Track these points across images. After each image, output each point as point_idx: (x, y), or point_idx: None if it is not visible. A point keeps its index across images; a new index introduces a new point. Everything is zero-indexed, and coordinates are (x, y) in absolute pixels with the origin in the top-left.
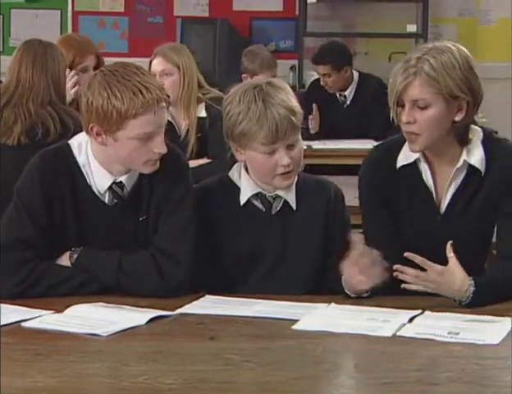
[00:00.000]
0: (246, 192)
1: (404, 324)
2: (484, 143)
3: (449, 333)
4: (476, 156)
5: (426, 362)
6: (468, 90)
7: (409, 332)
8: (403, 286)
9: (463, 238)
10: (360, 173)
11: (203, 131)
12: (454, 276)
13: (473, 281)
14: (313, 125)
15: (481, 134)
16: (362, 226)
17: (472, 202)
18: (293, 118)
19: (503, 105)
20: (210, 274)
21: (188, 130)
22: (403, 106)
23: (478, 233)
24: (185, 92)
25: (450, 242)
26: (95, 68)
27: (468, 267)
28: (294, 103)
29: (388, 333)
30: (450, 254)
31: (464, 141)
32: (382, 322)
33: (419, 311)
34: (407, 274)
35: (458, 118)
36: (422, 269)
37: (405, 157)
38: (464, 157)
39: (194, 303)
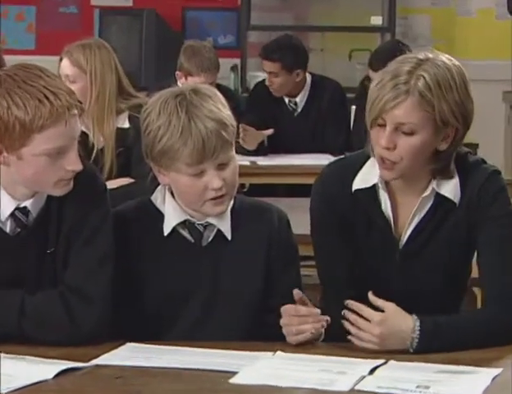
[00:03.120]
0: (171, 220)
1: (364, 376)
2: (457, 167)
3: (417, 387)
4: (448, 184)
5: None
6: (462, 117)
7: (369, 385)
8: (349, 337)
9: (426, 277)
10: (311, 195)
11: (125, 145)
12: (397, 317)
13: (415, 317)
14: (247, 141)
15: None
16: (314, 257)
17: (435, 236)
18: (223, 132)
19: (486, 111)
20: (130, 318)
21: (103, 147)
22: (383, 126)
23: (445, 271)
24: (93, 103)
25: (370, 292)
26: None
27: (439, 309)
28: (224, 113)
29: (345, 387)
30: (378, 303)
31: (440, 173)
32: (338, 373)
33: (382, 361)
34: (349, 321)
35: (441, 148)
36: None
37: (362, 180)
38: (433, 185)
39: (113, 352)
